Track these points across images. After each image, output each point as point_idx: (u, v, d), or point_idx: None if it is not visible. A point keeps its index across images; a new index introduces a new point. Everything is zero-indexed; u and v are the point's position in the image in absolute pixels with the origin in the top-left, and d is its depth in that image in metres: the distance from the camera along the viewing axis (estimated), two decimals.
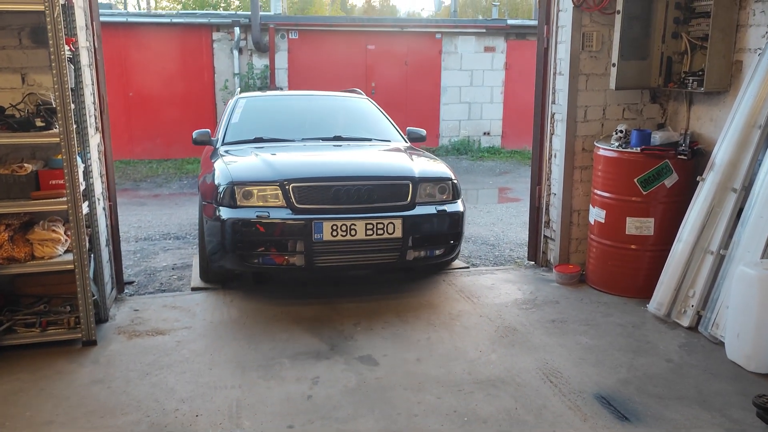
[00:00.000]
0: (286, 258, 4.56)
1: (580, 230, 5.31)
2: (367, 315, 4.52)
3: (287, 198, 4.59)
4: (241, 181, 4.65)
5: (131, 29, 13.30)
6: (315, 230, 4.48)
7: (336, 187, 4.64)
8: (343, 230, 4.52)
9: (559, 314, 4.55)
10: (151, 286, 5.44)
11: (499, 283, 5.22)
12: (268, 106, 6.79)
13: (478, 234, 7.84)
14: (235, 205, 4.59)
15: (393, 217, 4.61)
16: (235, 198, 4.59)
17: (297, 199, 4.59)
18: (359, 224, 4.53)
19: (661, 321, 4.41)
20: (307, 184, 4.65)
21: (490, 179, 12.58)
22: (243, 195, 4.61)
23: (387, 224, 4.58)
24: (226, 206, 4.61)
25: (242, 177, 4.71)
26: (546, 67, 5.36)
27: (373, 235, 4.56)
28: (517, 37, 15.04)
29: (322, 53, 14.10)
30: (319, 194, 4.64)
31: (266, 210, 4.54)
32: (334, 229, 4.50)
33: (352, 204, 4.63)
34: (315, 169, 5.02)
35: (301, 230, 4.49)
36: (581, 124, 5.15)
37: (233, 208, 4.58)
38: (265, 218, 4.50)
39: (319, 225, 4.48)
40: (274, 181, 4.64)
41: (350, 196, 4.63)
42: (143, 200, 10.35)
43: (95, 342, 4.04)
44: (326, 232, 4.49)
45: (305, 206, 4.59)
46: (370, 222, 4.55)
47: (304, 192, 4.62)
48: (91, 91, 4.43)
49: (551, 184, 5.43)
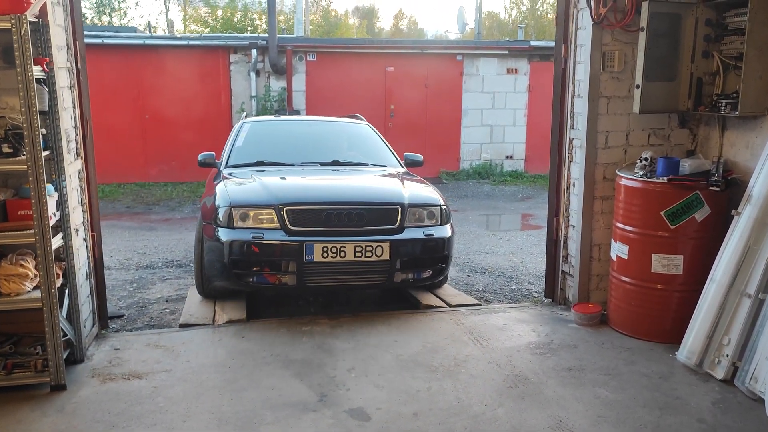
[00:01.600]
0: (278, 277, 4.78)
1: (602, 266, 4.87)
2: (363, 358, 4.12)
3: (282, 220, 4.79)
4: (239, 203, 4.89)
5: (148, 52, 13.23)
6: (306, 251, 4.69)
7: (328, 210, 4.84)
8: (333, 252, 4.71)
9: (576, 361, 4.10)
10: (140, 320, 5.13)
11: (512, 323, 4.78)
12: (272, 130, 6.98)
13: (496, 264, 7.41)
14: (232, 226, 4.81)
15: (381, 241, 4.80)
16: (233, 220, 4.82)
17: (291, 221, 4.80)
18: (349, 246, 4.72)
19: (691, 372, 3.94)
20: (300, 207, 4.86)
21: (512, 205, 12.14)
22: (240, 217, 4.83)
23: (375, 247, 4.77)
24: (224, 227, 4.84)
25: (240, 200, 4.94)
26: (564, 89, 4.97)
27: (362, 257, 4.75)
28: (541, 59, 14.64)
29: (341, 76, 13.87)
30: (312, 217, 4.85)
31: (261, 231, 4.76)
32: (324, 250, 4.70)
33: (343, 227, 4.82)
34: (308, 193, 5.22)
35: (293, 251, 4.70)
36: (602, 151, 4.73)
37: (231, 229, 4.80)
38: (260, 239, 4.72)
39: (310, 246, 4.69)
40: (269, 205, 4.85)
41: (341, 220, 4.83)
42: (153, 224, 10.12)
43: (65, 386, 3.70)
44: (317, 254, 4.69)
45: (298, 228, 4.80)
46: (359, 244, 4.74)
47: (297, 215, 4.83)
48: (71, 114, 4.15)
49: (570, 215, 5.01)
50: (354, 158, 6.35)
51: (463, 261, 7.61)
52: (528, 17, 39.83)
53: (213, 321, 4.82)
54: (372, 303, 5.56)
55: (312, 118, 8.09)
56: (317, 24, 38.38)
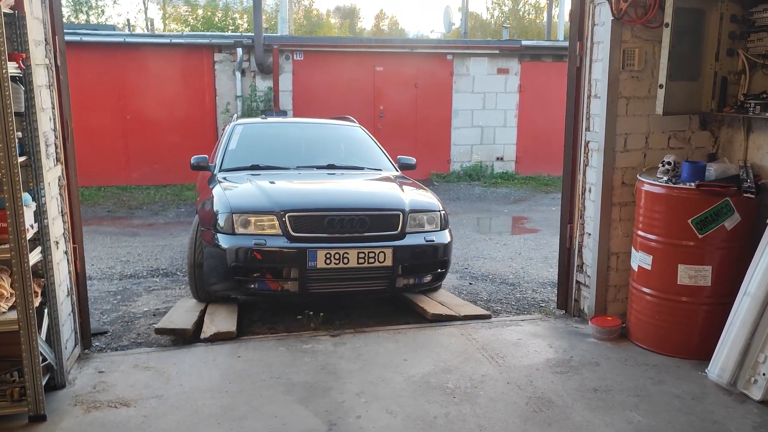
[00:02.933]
0: (281, 284, 4.74)
1: (620, 276, 4.60)
2: (371, 380, 3.81)
3: (283, 227, 4.75)
4: (240, 210, 4.83)
5: (130, 50, 12.77)
6: (309, 258, 4.65)
7: (330, 217, 4.81)
8: (336, 258, 4.68)
9: (601, 381, 3.82)
10: (125, 337, 4.76)
11: (527, 338, 4.50)
12: (265, 133, 6.90)
13: (496, 271, 7.13)
14: (233, 232, 4.76)
15: (384, 247, 4.79)
16: (234, 226, 4.76)
17: (293, 227, 4.76)
18: (352, 253, 4.70)
19: (725, 392, 3.67)
20: (302, 213, 4.81)
21: (505, 207, 11.89)
22: (241, 223, 4.77)
23: (378, 253, 4.76)
24: (225, 233, 4.77)
25: (241, 206, 4.87)
26: (579, 89, 4.69)
27: (365, 263, 4.73)
28: (532, 59, 14.42)
29: (329, 75, 13.52)
30: (314, 224, 4.80)
31: (263, 238, 4.71)
32: (327, 257, 4.66)
33: (345, 233, 4.80)
34: (310, 199, 5.17)
35: (296, 258, 4.66)
36: (621, 155, 4.46)
37: (232, 236, 4.75)
38: (263, 246, 4.66)
39: (313, 253, 4.65)
40: (271, 211, 4.80)
41: (343, 226, 4.81)
42: (136, 230, 9.71)
43: (44, 417, 3.34)
44: (320, 260, 4.66)
45: (300, 235, 4.75)
46: (362, 251, 4.72)
47: (299, 221, 4.78)
48: (50, 115, 3.79)
49: (585, 222, 4.73)
50: (349, 162, 6.33)
51: (462, 267, 7.32)
52: (510, 18, 39.77)
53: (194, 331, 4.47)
54: (375, 315, 5.24)
55: (304, 120, 7.94)
56: (299, 23, 37.97)
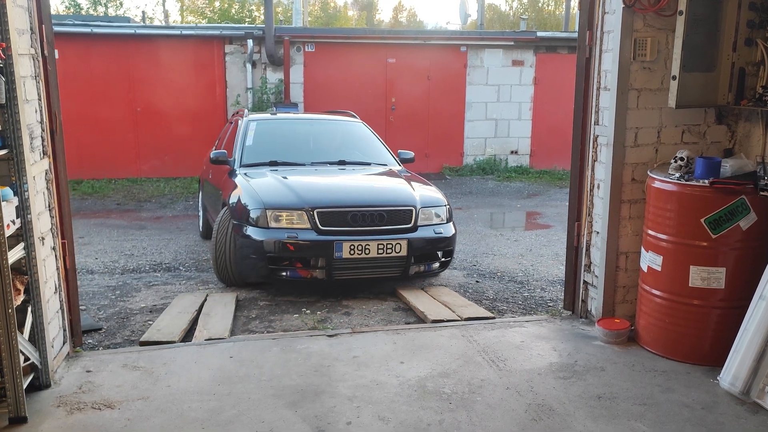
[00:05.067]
0: (310, 272, 5.33)
1: (629, 276, 4.40)
2: (365, 384, 3.66)
3: (312, 221, 5.33)
4: (273, 206, 5.41)
5: (140, 42, 12.71)
6: (336, 249, 5.24)
7: (353, 212, 5.42)
8: (359, 249, 5.28)
9: (606, 387, 3.64)
10: (119, 334, 4.66)
11: (531, 340, 4.32)
12: (277, 129, 7.45)
13: (505, 268, 6.95)
14: (267, 226, 5.36)
15: (400, 239, 5.42)
16: (267, 221, 5.35)
17: (320, 222, 5.34)
18: (372, 244, 5.31)
19: (737, 401, 3.48)
20: (329, 209, 5.40)
21: (518, 202, 11.67)
22: (274, 218, 5.37)
23: (395, 244, 5.38)
24: (259, 227, 5.37)
25: (273, 202, 5.46)
26: (588, 80, 4.49)
27: (383, 253, 5.35)
28: (547, 50, 14.14)
29: (340, 67, 13.36)
30: (339, 218, 5.39)
31: (295, 232, 5.30)
32: (351, 248, 5.26)
33: (366, 226, 5.39)
34: (335, 196, 5.68)
35: (324, 249, 5.26)
36: (631, 150, 4.26)
37: (266, 229, 5.35)
38: (295, 239, 5.27)
39: (339, 245, 5.25)
40: (301, 207, 5.39)
41: (365, 220, 5.41)
42: (144, 223, 9.66)
43: (25, 419, 3.24)
44: (345, 251, 5.26)
45: (327, 228, 5.34)
46: (381, 242, 5.34)
47: (326, 216, 5.38)
48: (36, 107, 3.67)
49: (593, 220, 4.54)
50: (357, 157, 6.96)
51: (470, 264, 7.15)
52: (529, 9, 39.26)
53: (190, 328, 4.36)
54: (375, 314, 5.09)
55: (311, 116, 8.47)
56: (316, 15, 37.81)
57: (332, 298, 5.49)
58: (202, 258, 7.38)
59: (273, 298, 5.53)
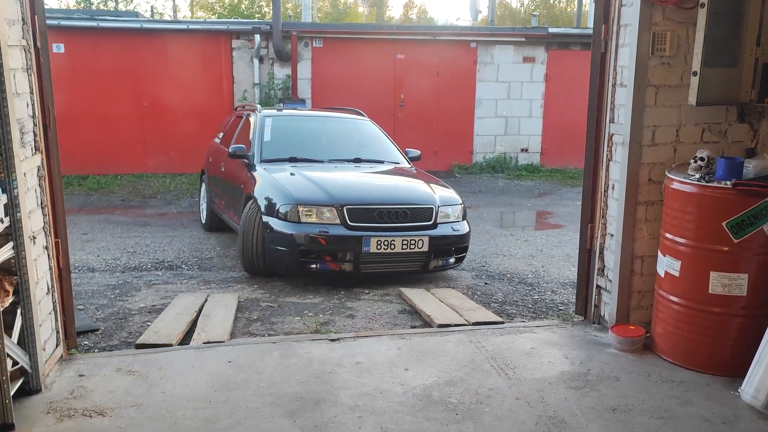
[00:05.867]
0: (339, 265, 5.62)
1: (644, 281, 4.22)
2: (368, 392, 3.50)
3: (342, 217, 5.66)
4: (304, 202, 5.72)
5: (147, 37, 12.60)
6: (364, 244, 5.57)
7: (379, 209, 5.76)
8: (385, 244, 5.62)
9: (621, 398, 3.46)
10: (116, 335, 4.53)
11: (541, 346, 4.15)
12: (292, 125, 7.69)
13: (515, 269, 6.78)
14: (298, 221, 5.66)
15: (422, 235, 5.77)
16: (299, 216, 5.66)
17: (349, 218, 5.66)
18: (397, 240, 5.66)
19: (760, 415, 3.29)
20: (357, 206, 5.73)
21: (528, 201, 11.48)
22: (305, 213, 5.67)
23: (418, 240, 5.73)
24: (290, 222, 5.67)
25: (304, 199, 5.77)
26: (603, 77, 4.30)
27: (407, 248, 5.71)
28: (559, 47, 13.93)
29: (348, 63, 13.20)
30: (367, 215, 5.72)
31: (326, 227, 5.61)
32: (378, 243, 5.61)
33: (390, 223, 5.74)
34: (363, 194, 6.01)
35: (353, 243, 5.58)
36: (648, 149, 4.07)
37: (298, 224, 5.65)
38: (326, 233, 5.58)
39: (367, 240, 5.58)
40: (331, 204, 5.71)
41: (390, 217, 5.76)
42: (148, 219, 9.54)
43: (12, 426, 3.10)
44: (372, 246, 5.60)
45: (355, 224, 5.66)
46: (405, 238, 5.69)
47: (354, 213, 5.69)
48: (27, 101, 3.53)
49: (607, 222, 4.36)
50: (371, 155, 7.30)
51: (479, 265, 6.98)
52: (540, 6, 38.93)
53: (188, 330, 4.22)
54: (380, 317, 4.93)
55: (322, 113, 8.62)
56: (326, 12, 37.66)
57: (336, 300, 5.34)
58: (205, 256, 7.25)
59: (275, 299, 5.38)
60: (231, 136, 8.53)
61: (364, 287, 5.76)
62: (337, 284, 5.89)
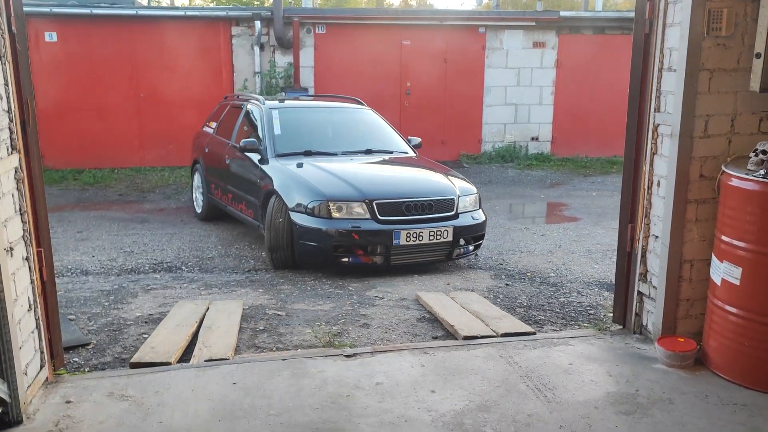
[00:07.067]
0: (370, 258, 5.80)
1: (694, 288, 3.80)
2: (391, 421, 3.09)
3: (372, 212, 5.82)
4: (334, 198, 5.85)
5: (142, 24, 12.12)
6: (395, 237, 5.76)
7: (407, 203, 5.95)
8: (414, 236, 5.82)
9: (679, 426, 3.05)
10: (110, 350, 4.12)
11: (580, 362, 3.73)
12: (298, 117, 7.61)
13: (535, 268, 6.37)
14: (330, 217, 5.78)
15: (447, 226, 5.99)
16: (331, 212, 5.78)
17: (379, 212, 5.83)
18: (425, 232, 5.88)
19: None
20: (387, 200, 5.91)
21: (541, 192, 11.05)
22: (336, 209, 5.79)
23: (443, 231, 5.95)
24: (321, 217, 5.80)
25: (334, 194, 5.89)
26: (646, 60, 3.86)
27: (434, 239, 5.91)
28: (571, 31, 13.44)
29: (352, 50, 12.73)
30: (395, 208, 5.91)
31: (358, 222, 5.77)
32: (408, 235, 5.80)
33: (417, 215, 5.94)
34: (390, 189, 6.17)
35: (385, 237, 5.76)
36: (700, 141, 3.64)
37: (329, 219, 5.78)
38: (359, 228, 5.73)
39: (398, 233, 5.76)
40: (361, 200, 5.85)
41: (416, 209, 5.96)
42: (146, 215, 9.14)
43: None
44: (402, 238, 5.78)
45: (385, 218, 5.84)
46: (432, 230, 5.90)
47: (384, 207, 5.87)
48: (2, 93, 3.10)
49: (651, 222, 3.93)
50: (379, 146, 7.39)
51: (497, 263, 6.58)
52: None
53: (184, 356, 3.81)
54: (397, 325, 4.52)
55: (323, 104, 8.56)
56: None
57: (348, 307, 4.93)
58: (206, 256, 6.85)
59: (283, 305, 4.97)
60: (229, 126, 8.21)
61: (378, 291, 5.36)
62: (349, 287, 5.49)
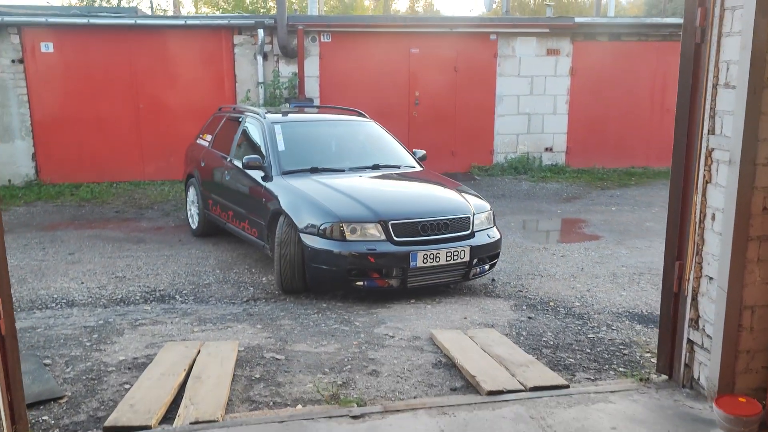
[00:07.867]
0: (386, 281, 5.52)
1: (756, 339, 3.28)
2: None
3: (387, 233, 5.51)
4: (347, 219, 5.52)
5: (142, 34, 11.69)
6: (411, 259, 5.47)
7: (423, 223, 5.65)
8: (431, 258, 5.54)
9: None
10: (85, 406, 3.62)
11: (625, 425, 3.21)
12: (300, 132, 7.30)
13: (558, 295, 5.87)
14: (344, 239, 5.47)
15: (464, 246, 5.71)
16: (344, 233, 5.47)
17: (395, 233, 5.54)
18: (442, 252, 5.59)
19: None
20: (402, 221, 5.60)
21: (557, 207, 10.53)
22: (350, 231, 5.48)
23: (460, 251, 5.68)
24: (334, 239, 5.48)
25: (346, 215, 5.56)
26: (697, 74, 3.36)
27: (451, 260, 5.64)
28: (586, 38, 12.93)
29: (359, 58, 12.26)
30: (411, 229, 5.61)
31: (373, 244, 5.46)
32: (425, 257, 5.52)
33: (433, 235, 5.65)
34: (405, 208, 5.84)
35: (401, 259, 5.47)
36: (764, 169, 3.13)
37: (343, 242, 5.46)
38: (374, 251, 5.43)
39: (414, 255, 5.48)
40: (376, 220, 5.54)
41: (432, 229, 5.67)
42: (143, 234, 8.67)
43: None
44: (419, 260, 5.50)
45: (401, 239, 5.54)
46: (449, 250, 5.63)
47: (399, 228, 5.57)
48: None
49: (703, 260, 3.42)
50: (386, 160, 7.05)
51: (516, 290, 6.08)
52: None
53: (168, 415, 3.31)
54: (410, 374, 4.02)
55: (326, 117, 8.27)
56: (332, 6, 36.72)
57: (355, 348, 4.43)
58: (203, 282, 6.37)
59: (282, 346, 4.48)
60: (227, 140, 7.85)
61: (388, 328, 4.86)
62: (355, 323, 4.99)
